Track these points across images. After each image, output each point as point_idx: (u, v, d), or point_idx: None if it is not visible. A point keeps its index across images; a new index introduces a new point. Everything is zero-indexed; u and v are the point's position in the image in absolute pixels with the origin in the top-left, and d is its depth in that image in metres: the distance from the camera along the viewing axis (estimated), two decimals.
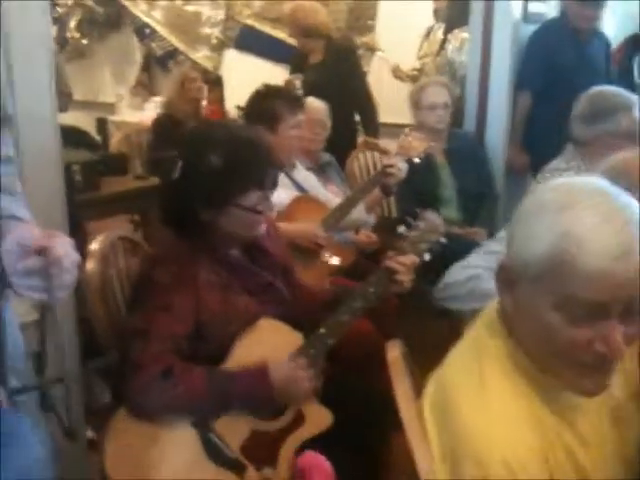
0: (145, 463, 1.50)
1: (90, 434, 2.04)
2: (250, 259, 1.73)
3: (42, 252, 0.94)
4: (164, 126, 4.01)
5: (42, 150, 1.88)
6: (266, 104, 2.41)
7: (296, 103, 2.48)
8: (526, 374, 1.00)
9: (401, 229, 1.78)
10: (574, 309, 0.92)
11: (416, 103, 3.17)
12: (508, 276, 1.00)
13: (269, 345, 1.61)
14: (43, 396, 0.97)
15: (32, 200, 1.24)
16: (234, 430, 1.56)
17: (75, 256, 1.00)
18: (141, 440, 1.51)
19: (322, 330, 1.65)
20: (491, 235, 2.88)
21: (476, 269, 1.79)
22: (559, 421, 1.00)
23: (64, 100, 3.42)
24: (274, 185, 1.66)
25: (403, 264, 1.71)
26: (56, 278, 0.95)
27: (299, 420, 1.60)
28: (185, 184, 1.60)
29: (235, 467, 1.54)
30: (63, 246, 0.97)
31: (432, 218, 1.80)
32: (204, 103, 4.56)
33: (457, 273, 1.90)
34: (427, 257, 1.77)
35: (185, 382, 1.49)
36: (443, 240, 1.80)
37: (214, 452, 1.53)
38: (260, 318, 1.63)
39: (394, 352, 1.24)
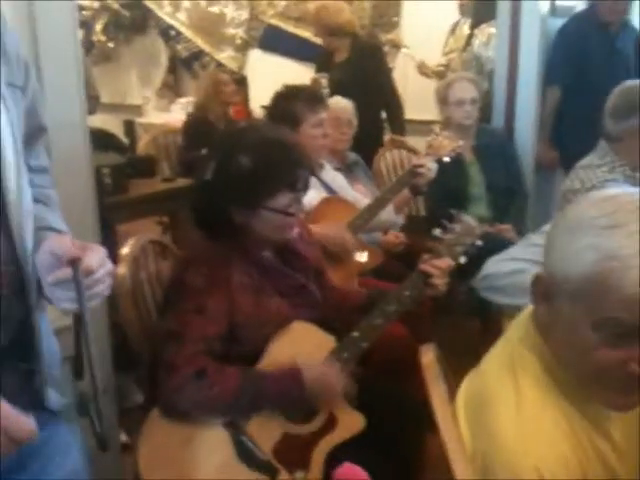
0: (178, 464, 1.51)
1: (124, 438, 2.04)
2: (283, 261, 1.72)
3: (74, 263, 0.93)
4: (196, 127, 4.00)
5: (72, 154, 1.89)
6: (286, 106, 2.39)
7: (317, 101, 2.45)
8: (560, 384, 1.00)
9: (436, 232, 1.77)
10: (613, 330, 0.91)
11: (443, 99, 3.13)
12: (545, 288, 0.99)
13: (302, 348, 1.60)
14: (81, 401, 0.97)
15: (63, 205, 1.24)
16: (266, 433, 1.56)
17: (109, 266, 0.99)
18: (174, 441, 1.51)
19: (356, 333, 1.64)
20: (520, 232, 2.85)
21: (520, 263, 1.75)
22: (592, 428, 1.01)
23: (92, 103, 3.44)
24: (306, 187, 1.65)
25: (438, 268, 1.70)
26: (87, 288, 0.94)
27: (331, 424, 1.60)
28: (217, 185, 1.60)
29: (267, 470, 1.54)
30: (96, 257, 0.96)
31: (468, 221, 1.79)
32: None
33: (500, 265, 1.86)
34: (463, 260, 1.77)
35: (219, 382, 1.50)
36: (479, 243, 1.78)
37: (246, 454, 1.53)
38: (293, 320, 1.62)
39: (428, 356, 1.23)
